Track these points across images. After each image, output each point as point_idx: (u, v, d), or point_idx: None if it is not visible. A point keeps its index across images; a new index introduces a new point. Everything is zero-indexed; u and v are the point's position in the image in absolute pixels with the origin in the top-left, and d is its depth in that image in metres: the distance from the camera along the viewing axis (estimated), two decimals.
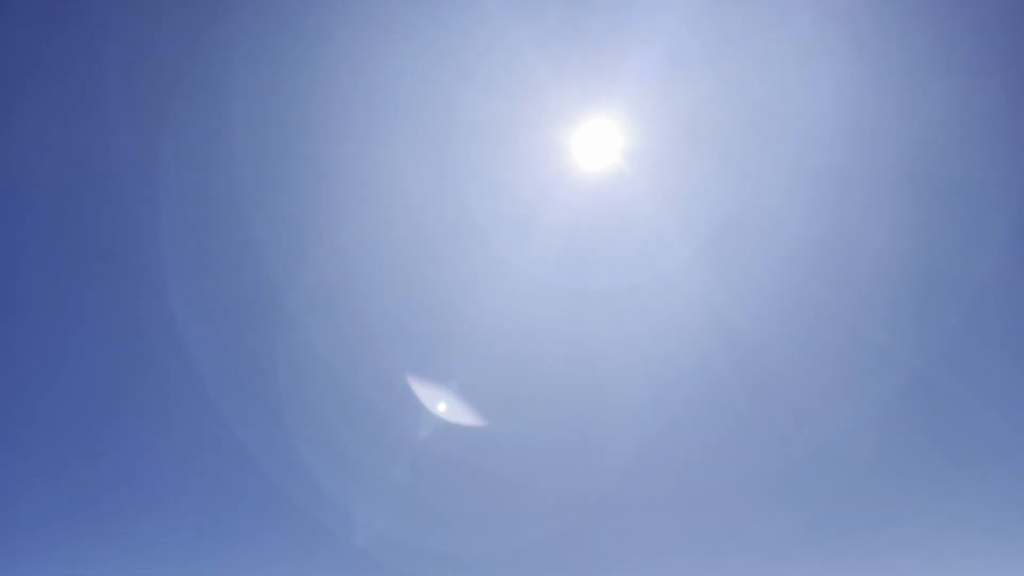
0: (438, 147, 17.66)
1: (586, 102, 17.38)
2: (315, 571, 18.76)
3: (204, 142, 17.48)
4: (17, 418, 19.11)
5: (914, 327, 18.32)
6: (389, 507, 19.29)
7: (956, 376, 18.55)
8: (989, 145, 17.15)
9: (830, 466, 18.32)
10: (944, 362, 18.40)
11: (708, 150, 17.52)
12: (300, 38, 16.60)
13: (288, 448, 19.15)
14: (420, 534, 18.75)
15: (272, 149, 17.58)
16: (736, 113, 17.29)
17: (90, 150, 17.46)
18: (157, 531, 19.10)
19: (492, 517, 18.58)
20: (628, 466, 18.25)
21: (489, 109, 17.29)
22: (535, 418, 18.62)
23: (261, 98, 17.29)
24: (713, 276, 17.85)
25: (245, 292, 18.67)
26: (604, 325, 18.42)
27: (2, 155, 17.65)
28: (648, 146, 17.56)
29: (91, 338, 19.01)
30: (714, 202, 17.67)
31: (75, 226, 18.45)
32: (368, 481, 19.35)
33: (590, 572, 18.55)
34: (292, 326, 18.93)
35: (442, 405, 18.41)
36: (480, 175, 17.83)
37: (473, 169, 17.76)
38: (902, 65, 16.85)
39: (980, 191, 17.42)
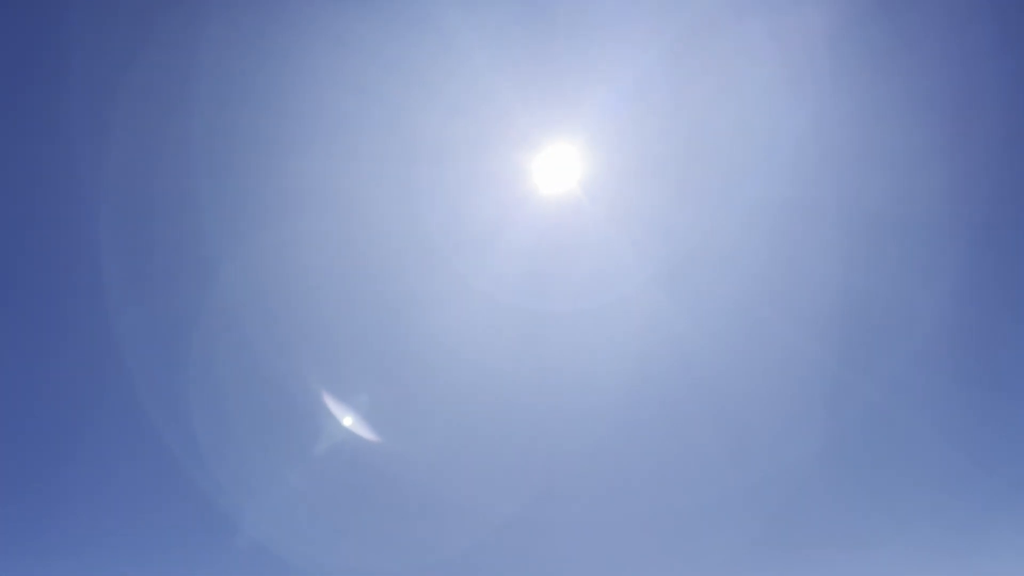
0: (399, 167, 17.71)
1: (548, 127, 17.48)
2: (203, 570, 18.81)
3: (162, 155, 17.43)
4: None
5: (864, 354, 18.66)
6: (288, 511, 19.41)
7: (906, 403, 18.92)
8: (943, 181, 17.43)
9: (780, 490, 18.69)
10: (895, 390, 18.76)
11: (667, 177, 17.70)
12: (265, 56, 16.55)
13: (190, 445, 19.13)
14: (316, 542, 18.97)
15: (231, 164, 17.55)
16: (695, 142, 17.45)
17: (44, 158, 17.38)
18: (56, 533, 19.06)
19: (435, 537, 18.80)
20: (576, 487, 18.51)
21: (452, 131, 17.34)
22: (490, 436, 18.82)
23: (222, 113, 17.24)
24: (670, 301, 18.07)
25: (194, 305, 18.62)
26: (561, 346, 18.61)
27: None
28: (608, 171, 17.72)
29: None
30: (672, 228, 17.88)
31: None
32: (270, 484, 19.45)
33: None
34: (244, 340, 18.95)
35: (360, 420, 18.52)
36: (441, 196, 17.91)
37: (434, 190, 17.83)
38: (861, 102, 17.06)
39: (929, 224, 17.71)
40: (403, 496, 18.82)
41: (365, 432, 18.14)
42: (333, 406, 18.10)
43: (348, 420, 17.81)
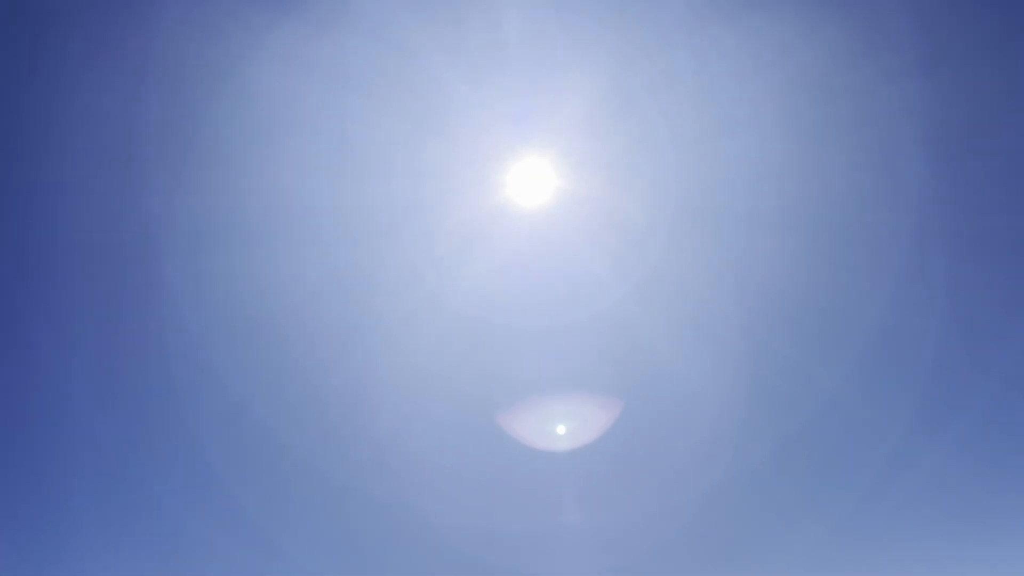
0: (373, 184, 17.28)
1: (522, 140, 17.35)
2: None
3: (140, 175, 16.61)
4: None
5: (830, 354, 19.11)
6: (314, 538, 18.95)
7: (866, 399, 19.44)
8: (922, 185, 17.99)
9: (760, 497, 18.98)
10: (872, 394, 19.21)
11: (642, 188, 17.73)
12: (234, 73, 15.92)
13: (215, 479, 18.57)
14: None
15: (204, 183, 16.87)
16: (669, 152, 17.54)
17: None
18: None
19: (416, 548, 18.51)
20: (553, 502, 18.42)
21: (425, 147, 17.05)
22: (462, 454, 18.55)
23: (192, 131, 16.52)
24: (645, 315, 18.12)
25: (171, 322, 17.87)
26: (538, 361, 18.46)
27: None
28: (583, 184, 17.65)
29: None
30: (646, 241, 17.91)
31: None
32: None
33: None
34: (221, 354, 18.24)
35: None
36: (415, 212, 17.55)
37: (408, 206, 17.46)
38: (829, 108, 17.45)
39: (890, 229, 18.27)
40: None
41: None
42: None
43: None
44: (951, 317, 18.58)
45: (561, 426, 18.56)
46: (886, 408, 18.87)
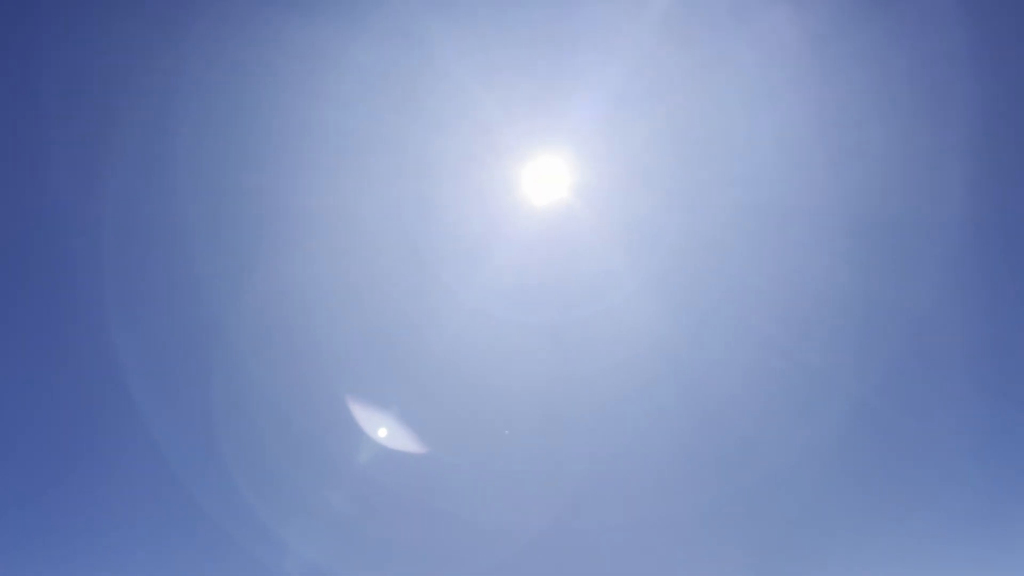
0: (387, 182, 17.64)
1: (534, 138, 17.47)
2: None
3: (151, 175, 17.27)
4: None
5: (855, 357, 18.73)
6: (326, 537, 19.28)
7: (895, 403, 19.00)
8: (925, 183, 17.60)
9: (776, 494, 18.72)
10: (883, 390, 18.82)
11: (655, 186, 17.71)
12: (247, 72, 16.43)
13: (224, 477, 19.01)
14: (359, 565, 18.81)
15: (218, 182, 17.41)
16: (682, 150, 17.49)
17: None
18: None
19: (432, 547, 18.67)
20: (574, 498, 18.45)
21: (438, 145, 17.31)
22: (482, 449, 18.73)
23: (206, 130, 17.10)
24: (660, 309, 18.08)
25: (188, 321, 18.46)
26: (554, 357, 18.55)
27: None
28: (596, 182, 17.72)
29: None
30: (661, 237, 17.88)
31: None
32: (304, 510, 19.28)
33: None
34: (238, 354, 18.80)
35: (384, 432, 18.44)
36: (429, 210, 17.85)
37: (422, 204, 17.78)
38: (843, 105, 17.17)
39: (916, 227, 17.85)
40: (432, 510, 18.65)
41: (402, 445, 18.05)
42: (367, 423, 18.01)
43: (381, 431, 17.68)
44: (981, 315, 18.05)
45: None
46: (911, 411, 18.38)
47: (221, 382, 18.50)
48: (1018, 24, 16.61)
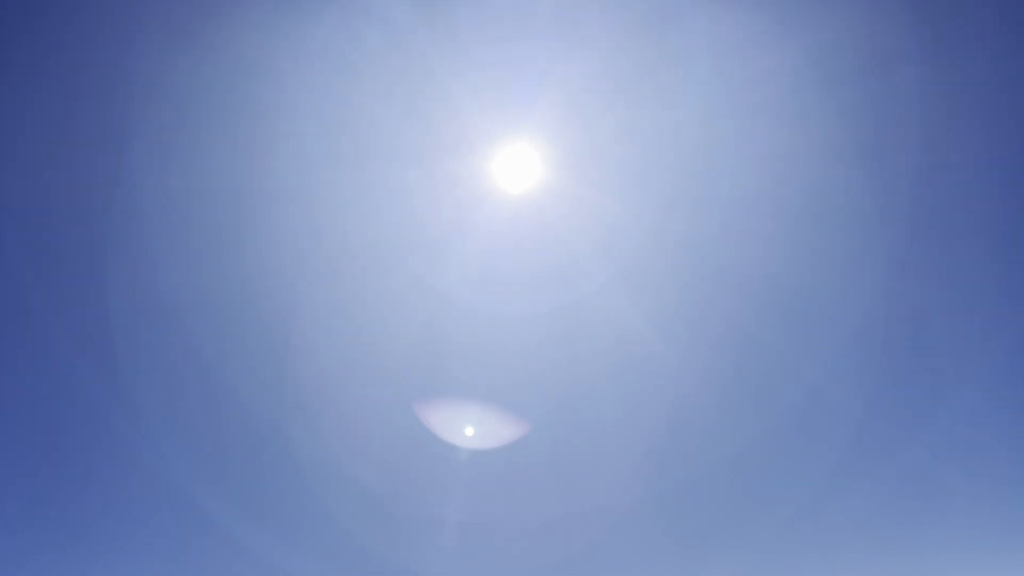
0: (356, 169, 17.49)
1: (504, 127, 17.51)
2: None
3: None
4: None
5: (811, 341, 18.96)
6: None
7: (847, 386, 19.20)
8: (886, 171, 17.96)
9: (734, 477, 18.83)
10: (836, 373, 19.04)
11: (623, 176, 17.84)
12: (220, 57, 16.20)
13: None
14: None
15: (189, 170, 17.11)
16: (651, 141, 17.64)
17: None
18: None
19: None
20: (534, 488, 18.38)
21: (407, 133, 17.25)
22: (447, 439, 18.57)
23: (180, 123, 16.82)
24: (629, 300, 18.16)
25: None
26: (521, 347, 18.52)
27: None
28: (565, 171, 17.77)
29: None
30: (632, 227, 17.98)
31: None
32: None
33: None
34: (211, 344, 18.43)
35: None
36: (398, 198, 17.73)
37: (391, 192, 17.65)
38: (809, 96, 17.48)
39: (873, 216, 18.21)
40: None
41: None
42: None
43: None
44: (938, 309, 18.47)
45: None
46: (869, 400, 18.70)
47: (190, 369, 18.11)
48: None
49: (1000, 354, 18.19)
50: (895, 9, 17.29)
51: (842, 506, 18.39)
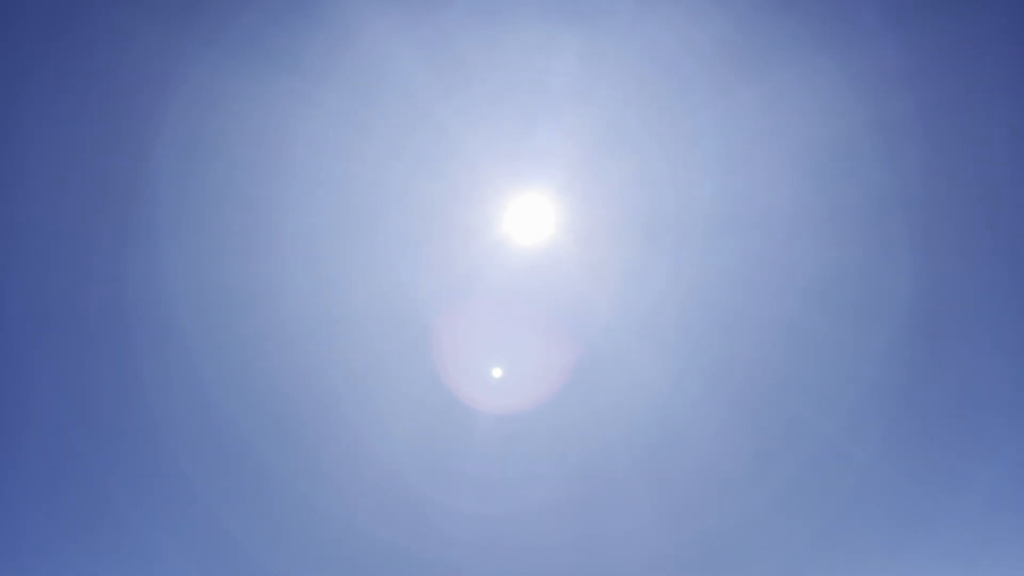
0: (367, 222, 17.29)
1: (517, 179, 17.31)
2: None
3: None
4: None
5: (830, 397, 18.65)
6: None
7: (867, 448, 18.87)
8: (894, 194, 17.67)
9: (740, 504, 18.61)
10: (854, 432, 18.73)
11: (640, 229, 17.59)
12: (223, 115, 16.03)
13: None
14: None
15: (197, 221, 16.95)
16: (666, 193, 17.42)
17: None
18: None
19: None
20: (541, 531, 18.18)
21: (418, 187, 17.05)
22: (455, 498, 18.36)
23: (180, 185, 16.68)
24: (647, 355, 17.89)
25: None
26: (535, 403, 18.25)
27: None
28: (580, 224, 17.55)
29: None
30: (646, 281, 17.73)
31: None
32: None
33: None
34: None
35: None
36: (410, 251, 17.51)
37: (403, 245, 17.45)
38: (836, 145, 17.25)
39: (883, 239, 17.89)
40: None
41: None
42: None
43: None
44: (940, 320, 18.14)
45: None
46: (869, 413, 18.35)
47: (181, 382, 17.89)
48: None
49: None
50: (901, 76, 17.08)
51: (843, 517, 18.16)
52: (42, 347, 17.92)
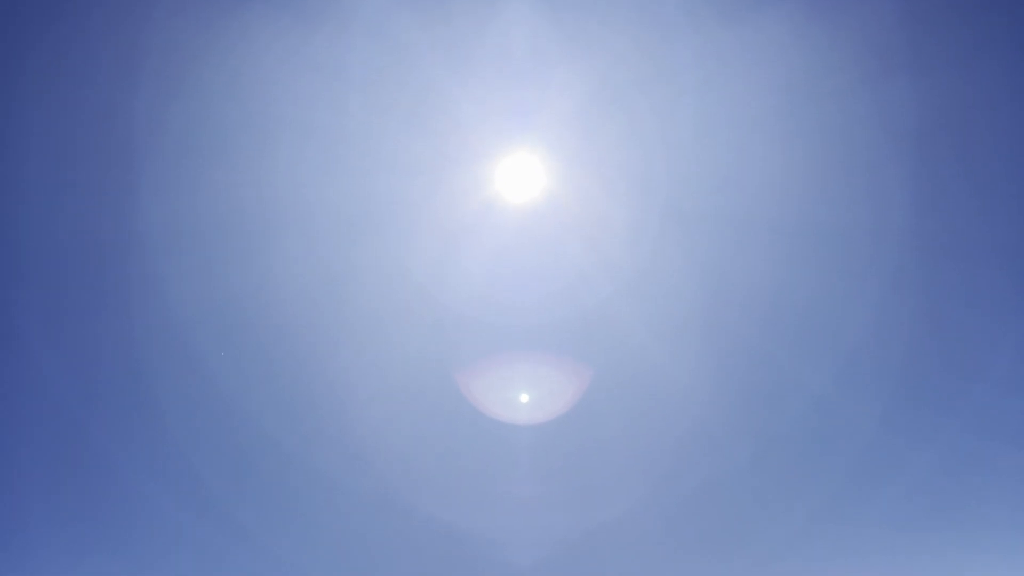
0: (360, 179, 17.46)
1: (509, 139, 17.51)
2: None
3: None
4: None
5: (818, 347, 18.85)
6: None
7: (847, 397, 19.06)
8: (890, 193, 18.00)
9: (742, 482, 18.73)
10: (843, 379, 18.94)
11: (627, 184, 17.80)
12: (222, 72, 16.22)
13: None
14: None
15: (197, 188, 17.10)
16: (655, 152, 17.63)
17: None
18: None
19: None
20: (540, 497, 18.26)
21: (412, 146, 17.22)
22: (455, 447, 18.45)
23: (182, 126, 16.81)
24: (634, 308, 18.08)
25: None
26: (526, 358, 18.42)
27: None
28: (570, 183, 17.75)
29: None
30: (633, 239, 17.93)
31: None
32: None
33: None
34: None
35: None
36: (402, 209, 17.68)
37: (395, 202, 17.61)
38: (818, 107, 17.50)
39: (880, 234, 18.21)
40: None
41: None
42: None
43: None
44: (931, 317, 18.45)
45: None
46: (866, 406, 18.56)
47: (194, 378, 18.04)
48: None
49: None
50: (891, 16, 17.35)
51: (853, 512, 18.26)
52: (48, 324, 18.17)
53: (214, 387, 18.17)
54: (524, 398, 18.44)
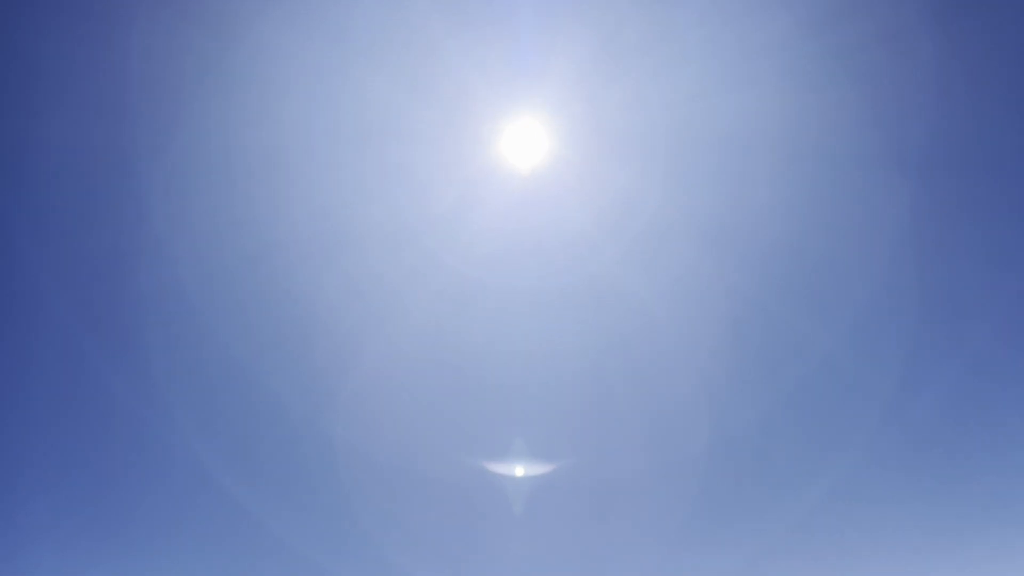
0: (363, 148, 17.40)
1: (512, 103, 17.40)
2: None
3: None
4: None
5: (824, 316, 19.03)
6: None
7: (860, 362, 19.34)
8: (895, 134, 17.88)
9: (742, 460, 19.05)
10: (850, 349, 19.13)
11: (633, 151, 17.74)
12: (219, 35, 15.96)
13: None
14: None
15: (184, 150, 16.99)
16: (659, 115, 17.51)
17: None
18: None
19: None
20: (544, 462, 18.58)
21: (415, 110, 17.12)
22: (458, 416, 18.77)
23: (170, 98, 16.65)
24: (637, 275, 18.21)
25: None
26: (532, 324, 18.62)
27: None
28: (574, 147, 17.69)
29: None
30: (637, 202, 17.94)
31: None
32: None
33: None
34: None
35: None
36: (407, 176, 17.67)
37: (400, 170, 17.58)
38: (817, 71, 17.33)
39: (877, 191, 18.18)
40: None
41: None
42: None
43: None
44: (926, 300, 18.53)
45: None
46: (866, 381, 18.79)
47: (202, 370, 18.23)
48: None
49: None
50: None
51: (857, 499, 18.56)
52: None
53: (222, 378, 18.41)
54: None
